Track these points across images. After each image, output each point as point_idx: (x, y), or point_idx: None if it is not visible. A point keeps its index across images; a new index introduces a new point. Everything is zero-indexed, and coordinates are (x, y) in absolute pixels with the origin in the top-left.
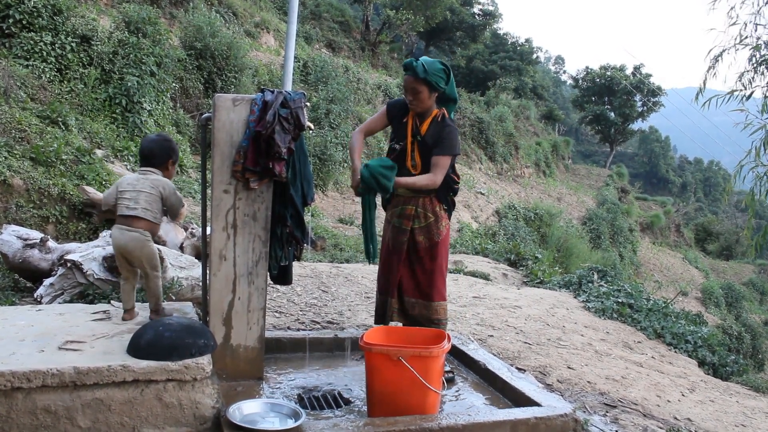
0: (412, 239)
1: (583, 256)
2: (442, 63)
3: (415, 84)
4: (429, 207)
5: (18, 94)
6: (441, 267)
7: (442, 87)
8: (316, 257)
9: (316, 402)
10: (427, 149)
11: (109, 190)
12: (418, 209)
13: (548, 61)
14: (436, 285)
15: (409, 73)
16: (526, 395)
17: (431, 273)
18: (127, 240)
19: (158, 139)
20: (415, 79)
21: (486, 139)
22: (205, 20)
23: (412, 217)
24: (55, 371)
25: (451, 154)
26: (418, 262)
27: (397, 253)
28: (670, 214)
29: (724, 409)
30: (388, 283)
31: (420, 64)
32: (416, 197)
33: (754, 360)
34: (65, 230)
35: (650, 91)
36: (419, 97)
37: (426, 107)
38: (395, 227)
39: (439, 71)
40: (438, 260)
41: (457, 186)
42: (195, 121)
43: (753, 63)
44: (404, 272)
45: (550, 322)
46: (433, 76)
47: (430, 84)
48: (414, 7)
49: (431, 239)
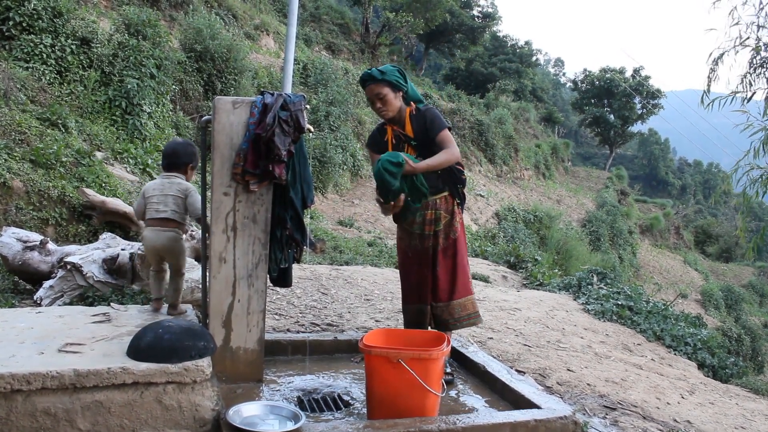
0: (436, 242)
1: (583, 258)
2: (392, 65)
3: (377, 89)
4: (444, 207)
5: (18, 96)
6: (463, 263)
7: (404, 86)
8: (316, 259)
9: (316, 404)
10: (424, 145)
11: (138, 201)
12: (437, 212)
13: (548, 64)
14: (462, 281)
15: (369, 83)
16: (525, 397)
17: (454, 271)
18: (164, 240)
19: (183, 143)
20: (375, 84)
21: (485, 142)
22: (204, 23)
23: (433, 221)
24: (55, 373)
25: (444, 127)
26: (440, 264)
27: (425, 259)
28: (670, 216)
29: (724, 412)
30: (420, 292)
31: (374, 69)
32: (435, 200)
33: (754, 362)
34: (65, 232)
35: (649, 93)
36: (386, 100)
37: (396, 108)
38: (418, 235)
39: (393, 71)
40: (458, 257)
41: (464, 176)
42: (195, 124)
43: (754, 65)
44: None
45: (550, 324)
46: (390, 75)
47: (390, 83)
48: (414, 10)
49: (449, 237)
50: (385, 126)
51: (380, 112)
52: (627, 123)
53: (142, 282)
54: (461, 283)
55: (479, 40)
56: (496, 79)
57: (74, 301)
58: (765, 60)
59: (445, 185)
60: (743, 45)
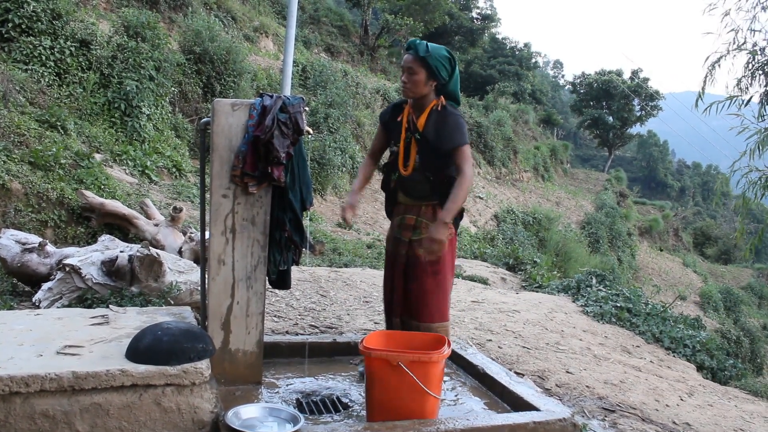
0: (412, 252)
1: (582, 260)
2: (448, 51)
3: (412, 63)
4: (430, 216)
5: (17, 98)
6: (443, 284)
7: (443, 77)
8: (315, 261)
9: (315, 407)
10: (428, 145)
11: None
12: (419, 219)
13: (547, 66)
14: (436, 304)
15: (410, 52)
16: (524, 400)
17: (430, 291)
18: None
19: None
20: (414, 57)
21: (485, 144)
22: (204, 25)
23: (412, 228)
24: (54, 376)
25: (464, 143)
26: (416, 279)
27: (396, 267)
28: (669, 218)
29: (723, 414)
30: (390, 300)
31: (423, 43)
32: (417, 205)
33: (753, 364)
34: (64, 234)
35: (648, 95)
36: (413, 79)
37: (420, 93)
38: (396, 239)
39: (443, 58)
40: (440, 276)
41: None
42: (194, 126)
43: (750, 69)
44: (402, 290)
45: (549, 326)
46: (435, 60)
47: (429, 67)
48: (413, 12)
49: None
50: (405, 105)
51: (404, 86)
52: (626, 125)
53: (141, 284)
54: (436, 307)
55: (478, 42)
56: (495, 81)
57: (73, 303)
58: (760, 64)
59: (435, 194)
60: (739, 49)
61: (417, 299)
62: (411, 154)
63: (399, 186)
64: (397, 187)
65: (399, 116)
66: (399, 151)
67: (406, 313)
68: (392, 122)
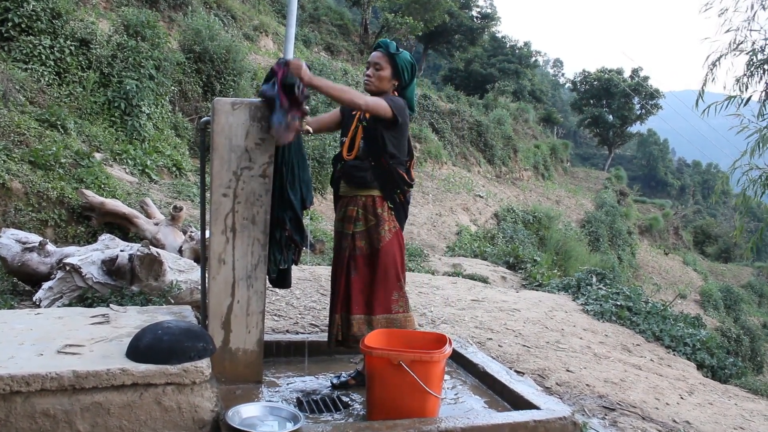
0: (353, 245)
1: (582, 258)
2: (412, 58)
3: (380, 59)
4: (371, 208)
5: (17, 97)
6: (384, 278)
7: (405, 78)
8: (315, 260)
9: (315, 405)
10: (370, 129)
11: None
12: (359, 210)
13: (547, 64)
14: (376, 298)
15: (378, 50)
16: (524, 398)
17: (371, 284)
18: None
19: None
20: (383, 54)
21: (485, 142)
22: (203, 24)
23: (354, 220)
24: (54, 375)
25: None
26: (356, 272)
27: (339, 261)
28: (669, 216)
29: (723, 412)
30: (333, 298)
31: (393, 43)
32: (358, 197)
33: (753, 363)
34: (64, 234)
35: (648, 93)
36: (379, 74)
37: (382, 88)
38: (338, 232)
39: (407, 62)
40: (379, 270)
41: (407, 188)
42: (194, 125)
43: (749, 68)
44: (344, 283)
45: (549, 325)
46: (402, 61)
47: (395, 66)
48: (412, 11)
49: (372, 245)
50: None
51: (366, 78)
52: (626, 123)
53: (142, 283)
54: (378, 299)
55: (478, 41)
56: (495, 80)
57: (73, 303)
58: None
59: (374, 181)
60: (738, 49)
61: (358, 291)
62: (356, 140)
63: (342, 175)
64: (340, 176)
65: (354, 111)
66: (346, 140)
67: (345, 310)
68: (348, 114)
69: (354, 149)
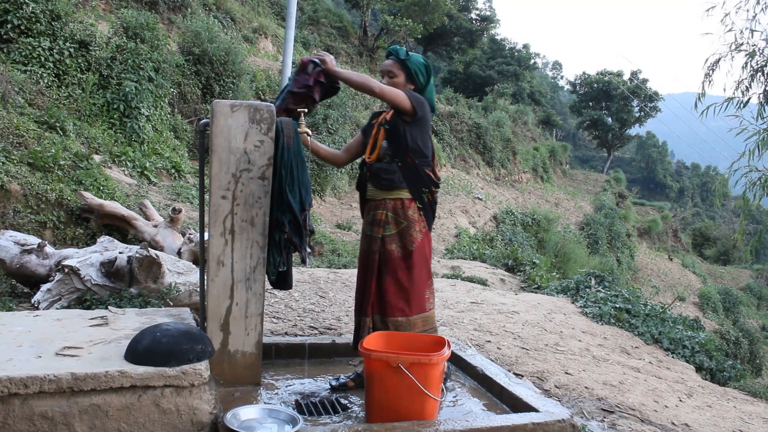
0: (383, 248)
1: (581, 261)
2: (425, 59)
3: (392, 67)
4: (401, 211)
5: (16, 99)
6: (418, 280)
7: (421, 81)
8: (314, 263)
9: (314, 408)
10: (393, 132)
11: None
12: (389, 214)
13: (546, 67)
14: (413, 299)
15: (391, 57)
16: (523, 401)
17: (406, 287)
18: None
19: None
20: (394, 61)
21: (483, 145)
22: (203, 26)
23: (383, 224)
24: (53, 377)
25: (408, 95)
26: (392, 275)
27: (370, 265)
28: (668, 219)
29: (722, 415)
30: (362, 301)
31: (403, 49)
32: (386, 200)
33: (752, 365)
34: (63, 236)
35: (647, 96)
36: (393, 82)
37: None
38: (367, 235)
39: (420, 64)
40: (414, 272)
41: (435, 188)
42: (193, 127)
43: (749, 70)
44: (375, 286)
45: (548, 327)
46: (414, 64)
47: (408, 70)
48: (412, 13)
49: (405, 248)
50: (382, 113)
51: None
52: (625, 126)
53: (140, 285)
54: (409, 301)
55: (477, 44)
56: (494, 82)
57: (72, 305)
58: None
59: (403, 182)
60: (738, 50)
61: (390, 295)
62: (378, 142)
63: (369, 178)
64: (366, 180)
65: (375, 120)
66: (368, 144)
67: (378, 312)
68: (369, 127)
69: (375, 151)
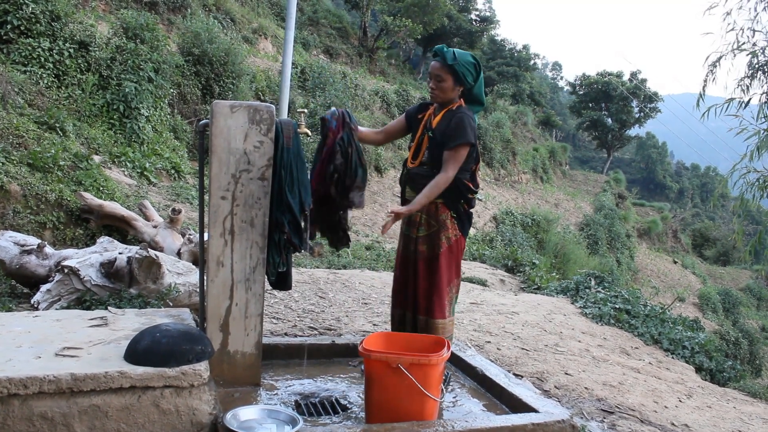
0: (416, 248)
1: (581, 261)
2: (473, 57)
3: (440, 71)
4: (434, 214)
5: (16, 99)
6: (439, 284)
7: (469, 81)
8: (314, 263)
9: (314, 408)
10: (436, 143)
11: None
12: (423, 216)
13: (545, 68)
14: (434, 301)
15: (437, 59)
16: (523, 401)
17: (428, 289)
18: None
19: None
20: (441, 65)
21: (483, 145)
22: (203, 26)
23: (417, 225)
24: (52, 378)
25: (461, 142)
26: (419, 275)
27: (407, 262)
28: (668, 219)
29: (722, 415)
30: (404, 296)
31: (450, 51)
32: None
33: (752, 366)
34: (62, 236)
35: (647, 97)
36: (441, 86)
37: (447, 98)
38: (404, 235)
39: (468, 63)
40: (437, 276)
41: (471, 195)
42: (193, 127)
43: (751, 69)
44: (413, 285)
45: (548, 328)
46: (462, 66)
47: (456, 73)
48: (411, 14)
49: (432, 250)
50: (430, 105)
51: (432, 92)
52: (624, 126)
53: (140, 286)
54: (437, 304)
55: (477, 44)
56: (494, 83)
57: (71, 305)
58: (761, 64)
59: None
60: (739, 50)
61: (419, 294)
62: (422, 149)
63: (407, 180)
64: (406, 181)
65: (421, 114)
66: (412, 146)
67: (410, 308)
68: (414, 119)
69: (419, 157)
